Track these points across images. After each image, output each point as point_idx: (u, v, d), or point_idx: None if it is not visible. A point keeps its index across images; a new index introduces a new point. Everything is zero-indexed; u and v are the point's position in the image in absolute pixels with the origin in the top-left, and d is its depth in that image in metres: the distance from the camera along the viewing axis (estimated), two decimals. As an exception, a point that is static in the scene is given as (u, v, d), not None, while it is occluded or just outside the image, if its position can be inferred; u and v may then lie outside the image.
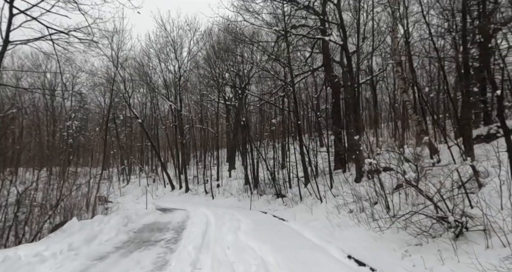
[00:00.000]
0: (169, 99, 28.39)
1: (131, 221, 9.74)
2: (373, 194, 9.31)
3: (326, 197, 12.18)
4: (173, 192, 28.64)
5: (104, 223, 7.82)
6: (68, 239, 5.76)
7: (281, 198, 16.63)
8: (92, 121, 46.52)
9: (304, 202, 14.01)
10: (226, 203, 20.94)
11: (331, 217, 9.31)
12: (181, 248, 6.13)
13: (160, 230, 9.07)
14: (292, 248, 6.27)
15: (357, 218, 8.05)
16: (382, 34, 18.97)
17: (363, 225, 7.39)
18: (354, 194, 9.95)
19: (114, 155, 38.86)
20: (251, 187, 21.26)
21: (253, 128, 28.59)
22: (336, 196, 12.00)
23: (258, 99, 24.25)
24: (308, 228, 9.04)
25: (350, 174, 13.98)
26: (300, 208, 13.35)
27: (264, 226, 9.65)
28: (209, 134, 32.15)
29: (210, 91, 30.47)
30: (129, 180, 36.26)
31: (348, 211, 9.31)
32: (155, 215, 12.52)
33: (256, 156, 22.47)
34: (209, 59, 25.68)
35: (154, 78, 30.35)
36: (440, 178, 6.00)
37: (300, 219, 10.93)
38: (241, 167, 29.02)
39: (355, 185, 11.67)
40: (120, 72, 26.28)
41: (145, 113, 40.28)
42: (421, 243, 5.24)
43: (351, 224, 7.94)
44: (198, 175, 28.66)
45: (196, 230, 8.40)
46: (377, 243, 5.94)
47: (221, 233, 8.11)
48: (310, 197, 14.36)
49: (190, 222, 10.50)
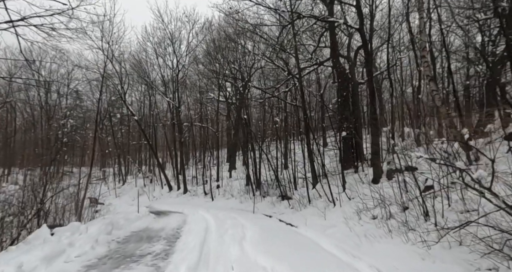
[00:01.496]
0: (167, 96, 27.00)
1: (117, 228, 8.36)
2: (399, 197, 7.95)
3: (340, 200, 10.81)
4: (170, 193, 27.25)
5: (80, 232, 6.45)
6: (23, 257, 4.40)
7: (286, 200, 15.25)
8: (90, 120, 45.09)
9: (313, 205, 12.64)
10: (227, 205, 19.56)
11: (351, 224, 7.94)
12: (172, 268, 4.75)
13: (150, 239, 7.69)
14: (314, 267, 4.90)
15: (387, 227, 6.67)
16: (397, 19, 17.61)
17: (397, 236, 6.01)
18: (375, 197, 8.59)
19: (109, 154, 37.41)
20: (253, 188, 19.87)
21: (255, 127, 27.16)
22: (351, 198, 10.63)
23: (260, 94, 22.86)
24: (325, 237, 7.66)
25: (365, 174, 12.59)
26: (309, 211, 11.98)
27: (273, 234, 8.27)
28: (208, 132, 30.78)
29: (210, 88, 29.15)
30: (125, 180, 34.85)
31: (371, 217, 7.93)
32: (147, 220, 11.13)
33: (259, 154, 21.11)
34: (209, 54, 24.28)
35: (152, 75, 29.02)
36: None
37: (312, 225, 9.55)
38: (242, 167, 27.69)
39: (373, 187, 10.30)
40: (115, 67, 24.92)
41: (143, 112, 38.87)
42: (496, 267, 3.86)
43: (380, 234, 6.57)
44: (197, 175, 27.29)
45: (192, 240, 7.02)
46: (427, 264, 4.56)
47: (223, 244, 6.73)
48: (320, 199, 12.99)
49: (186, 229, 9.12)
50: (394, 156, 10.85)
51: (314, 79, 29.61)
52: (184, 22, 28.49)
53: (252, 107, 26.41)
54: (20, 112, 42.99)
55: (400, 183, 8.77)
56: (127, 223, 9.44)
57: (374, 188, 9.39)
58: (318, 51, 20.39)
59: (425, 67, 9.60)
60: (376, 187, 9.67)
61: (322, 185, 12.72)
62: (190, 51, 26.22)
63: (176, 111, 26.30)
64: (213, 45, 22.82)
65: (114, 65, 24.18)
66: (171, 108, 27.46)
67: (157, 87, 28.30)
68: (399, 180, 8.51)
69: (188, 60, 26.53)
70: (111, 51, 18.98)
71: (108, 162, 41.19)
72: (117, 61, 24.13)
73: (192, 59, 27.54)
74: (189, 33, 27.28)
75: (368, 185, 10.99)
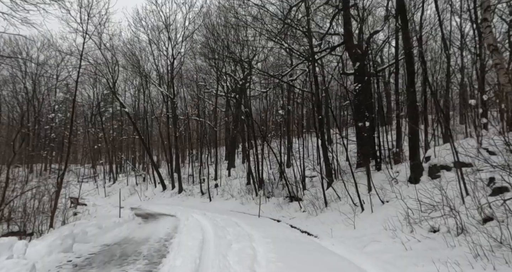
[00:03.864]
0: (161, 86, 24.73)
1: (82, 241, 6.17)
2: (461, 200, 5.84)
3: (370, 203, 8.66)
4: (164, 193, 25.03)
5: (12, 253, 4.25)
6: None
7: (296, 202, 13.10)
8: (81, 117, 42.68)
9: (332, 208, 10.52)
10: (227, 206, 17.40)
11: (402, 238, 5.80)
12: None
13: (125, 259, 5.51)
14: None
15: (467, 246, 4.54)
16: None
17: (502, 266, 3.87)
18: (427, 202, 6.48)
19: (99, 151, 35.10)
20: (256, 188, 17.71)
21: (257, 120, 24.92)
22: (385, 201, 8.50)
23: (264, 84, 20.66)
24: (368, 257, 5.52)
25: (396, 171, 10.44)
26: (329, 217, 9.84)
27: (293, 251, 6.11)
28: (206, 128, 28.57)
29: (208, 82, 26.97)
30: (116, 178, 32.54)
31: (429, 230, 5.79)
32: (130, 226, 8.93)
33: (261, 150, 18.95)
34: (207, 41, 21.99)
35: (147, 67, 26.71)
36: None
37: (339, 237, 7.40)
38: (242, 166, 25.55)
39: (411, 187, 8.19)
40: (105, 54, 22.64)
41: (137, 108, 36.41)
42: None
43: (460, 255, 4.43)
44: (194, 173, 25.07)
45: (183, 264, 4.85)
46: None
47: (227, 270, 4.57)
48: (338, 201, 10.87)
49: (176, 241, 6.94)
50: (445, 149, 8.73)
51: (318, 72, 27.38)
52: (180, 4, 26.16)
53: (253, 99, 24.17)
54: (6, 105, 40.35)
55: (454, 183, 6.70)
56: (100, 233, 7.25)
57: (419, 189, 7.25)
58: (329, 38, 18.16)
59: (487, 33, 7.35)
60: (419, 187, 7.54)
61: (345, 184, 10.52)
62: (186, 37, 23.97)
63: (171, 102, 24.06)
64: (210, 29, 20.50)
65: (102, 51, 21.90)
66: (165, 101, 25.20)
67: (150, 77, 25.98)
68: (458, 178, 6.40)
69: (184, 47, 24.29)
70: (92, 25, 16.57)
71: (99, 159, 38.77)
72: (104, 46, 21.82)
73: (189, 47, 25.32)
74: (185, 17, 24.96)
75: (406, 185, 8.88)
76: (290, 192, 14.33)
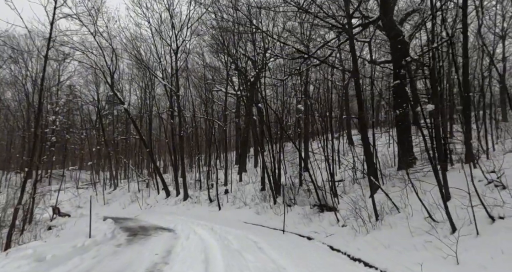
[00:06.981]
0: (164, 80, 22.04)
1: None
2: None
3: (474, 221, 5.46)
4: (167, 200, 22.16)
5: None
6: None
7: (331, 213, 10.00)
8: (87, 120, 40.43)
9: (388, 224, 7.39)
10: (239, 216, 14.39)
11: None
12: None
13: None
14: None
15: None
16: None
17: None
18: None
19: (99, 153, 32.58)
20: (274, 194, 14.69)
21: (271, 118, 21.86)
22: (495, 218, 5.36)
23: (282, 73, 17.73)
24: None
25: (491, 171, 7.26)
26: (390, 236, 6.74)
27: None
28: (215, 130, 25.74)
29: (216, 80, 24.35)
30: (117, 184, 29.85)
31: None
32: (99, 253, 5.98)
33: (278, 149, 15.92)
34: (216, 26, 19.25)
35: (148, 58, 24.16)
36: None
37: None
38: (254, 170, 22.52)
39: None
40: (100, 42, 20.09)
41: (142, 109, 33.82)
42: None
43: None
44: (201, 178, 22.14)
45: None
46: None
47: None
48: (396, 213, 7.75)
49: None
50: None
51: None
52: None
53: (268, 90, 21.19)
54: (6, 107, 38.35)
55: None
56: (41, 269, 4.32)
57: None
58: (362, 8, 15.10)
59: None
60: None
61: (415, 189, 7.43)
62: (191, 24, 21.27)
63: (176, 97, 21.32)
64: (220, 15, 17.68)
65: (97, 39, 19.38)
66: (169, 96, 22.48)
67: (151, 69, 23.31)
68: None
69: (188, 34, 21.52)
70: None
71: (102, 163, 36.26)
72: (101, 35, 19.29)
73: (196, 38, 22.67)
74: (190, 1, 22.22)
75: None
76: (319, 200, 11.25)
